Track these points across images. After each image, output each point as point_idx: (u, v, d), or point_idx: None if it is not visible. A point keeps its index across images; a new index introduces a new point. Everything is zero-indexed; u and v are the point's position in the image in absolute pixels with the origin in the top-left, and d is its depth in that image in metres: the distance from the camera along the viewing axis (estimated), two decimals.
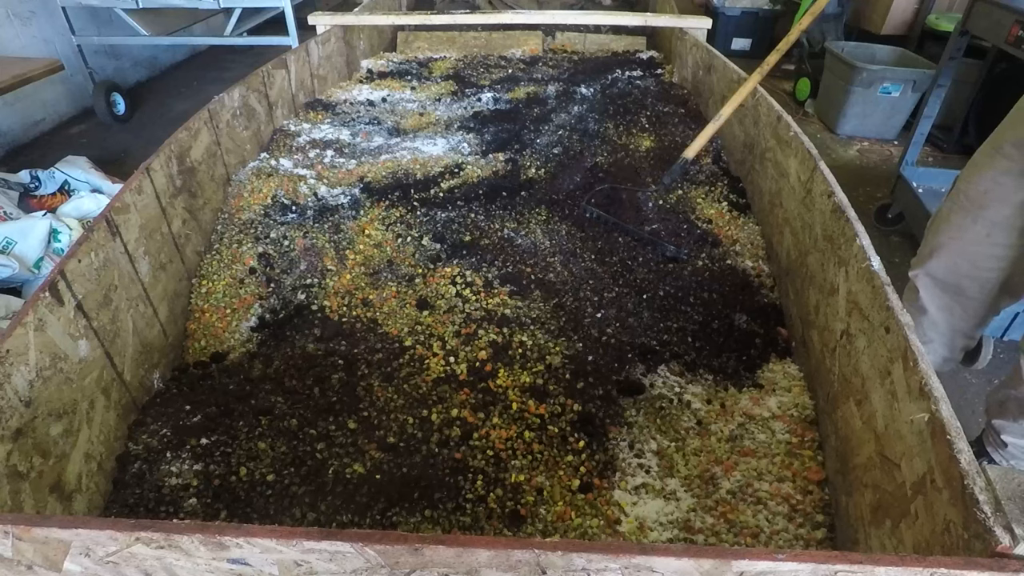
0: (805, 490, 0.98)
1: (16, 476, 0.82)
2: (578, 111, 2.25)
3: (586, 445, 1.03)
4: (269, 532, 0.56)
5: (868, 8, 4.24)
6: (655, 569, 0.55)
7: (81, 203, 2.35)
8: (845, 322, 1.02)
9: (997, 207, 1.42)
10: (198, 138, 1.52)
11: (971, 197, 1.46)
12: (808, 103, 4.04)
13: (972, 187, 1.46)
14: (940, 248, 1.55)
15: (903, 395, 0.79)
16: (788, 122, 1.48)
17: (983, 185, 1.44)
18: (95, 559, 0.60)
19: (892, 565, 0.54)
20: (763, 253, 1.52)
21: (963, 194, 1.48)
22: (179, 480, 0.97)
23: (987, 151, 1.46)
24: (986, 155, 1.45)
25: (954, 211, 1.51)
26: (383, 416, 1.08)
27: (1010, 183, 1.39)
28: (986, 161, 1.44)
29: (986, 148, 1.47)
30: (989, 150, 1.45)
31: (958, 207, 1.50)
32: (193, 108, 1.63)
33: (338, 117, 2.25)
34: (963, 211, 1.48)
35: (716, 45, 3.05)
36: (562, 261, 1.47)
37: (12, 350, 0.84)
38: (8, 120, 3.36)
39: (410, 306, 1.34)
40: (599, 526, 0.92)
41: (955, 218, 1.50)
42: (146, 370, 1.15)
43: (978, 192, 1.45)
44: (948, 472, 0.66)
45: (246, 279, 1.41)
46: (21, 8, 3.38)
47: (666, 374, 1.19)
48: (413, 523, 0.91)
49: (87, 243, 1.03)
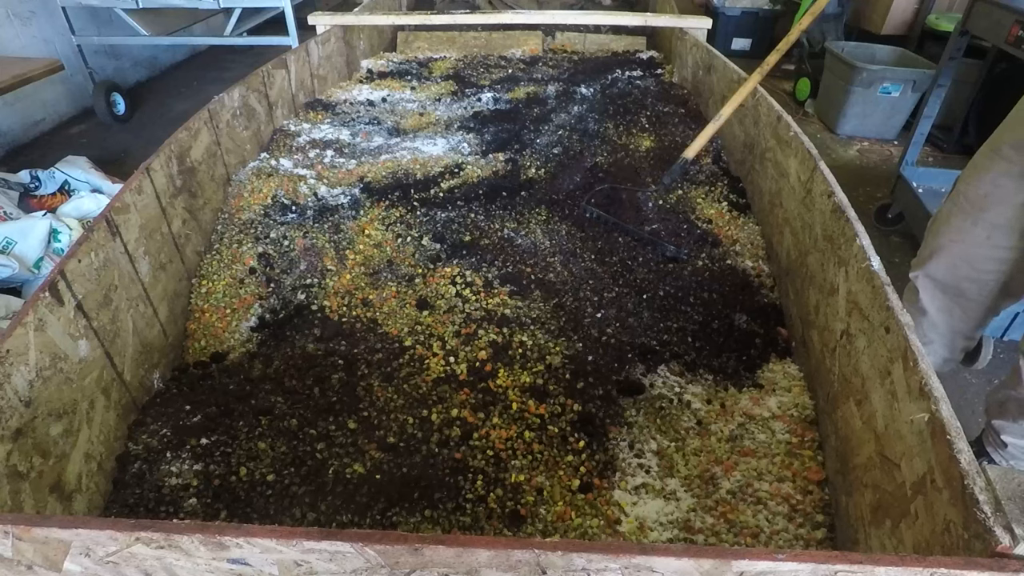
0: (805, 490, 0.98)
1: (16, 476, 0.82)
2: (578, 111, 2.25)
3: (586, 445, 1.03)
4: (269, 532, 0.56)
5: (868, 8, 4.24)
6: (655, 569, 0.55)
7: (81, 203, 2.35)
8: (845, 322, 1.02)
9: (997, 209, 1.42)
10: (198, 138, 1.52)
11: (971, 199, 1.46)
12: (808, 103, 4.04)
13: (972, 189, 1.46)
14: (940, 250, 1.55)
15: (903, 395, 0.79)
16: (788, 122, 1.48)
17: (983, 188, 1.43)
18: (95, 559, 0.60)
19: (892, 565, 0.54)
20: (763, 253, 1.52)
21: (963, 196, 1.48)
22: (179, 480, 0.97)
23: (986, 153, 1.45)
24: (985, 157, 1.45)
25: (954, 213, 1.51)
26: (383, 416, 1.08)
27: (1010, 185, 1.39)
28: (985, 163, 1.44)
29: (985, 150, 1.47)
30: (988, 152, 1.45)
31: (958, 209, 1.50)
32: (193, 108, 1.63)
33: (338, 117, 2.25)
34: (963, 213, 1.48)
35: (716, 45, 3.05)
36: (562, 261, 1.47)
37: (12, 350, 0.84)
38: (8, 120, 3.36)
39: (410, 306, 1.34)
40: (599, 526, 0.92)
41: (955, 220, 1.50)
42: (146, 370, 1.15)
43: (978, 195, 1.44)
44: (948, 472, 0.66)
45: (246, 279, 1.41)
46: (21, 8, 3.38)
47: (666, 374, 1.19)
48: (413, 523, 0.91)
49: (87, 243, 1.03)
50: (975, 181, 1.46)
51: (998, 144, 1.42)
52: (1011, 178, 1.38)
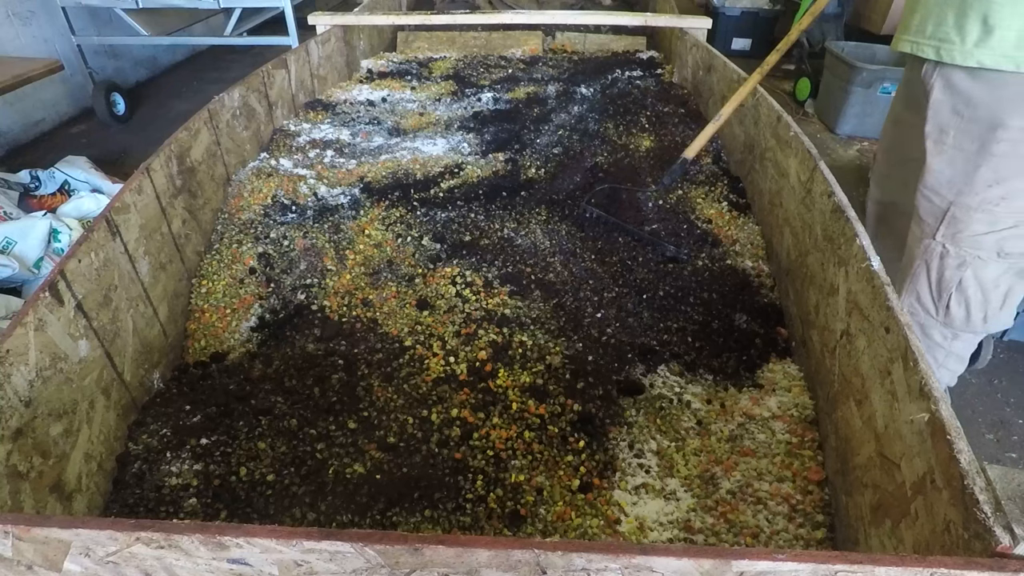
0: (805, 490, 0.98)
1: (16, 476, 0.82)
2: (578, 111, 2.25)
3: (586, 445, 1.03)
4: (269, 532, 0.56)
5: (868, 8, 4.24)
6: (655, 569, 0.55)
7: (81, 203, 2.35)
8: (845, 322, 1.02)
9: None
10: (198, 138, 1.52)
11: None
12: (808, 103, 4.04)
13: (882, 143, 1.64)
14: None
15: (903, 395, 0.79)
16: (788, 122, 1.48)
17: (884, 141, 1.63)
18: (95, 559, 0.60)
19: (892, 565, 0.54)
20: (763, 253, 1.52)
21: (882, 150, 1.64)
22: (179, 480, 0.97)
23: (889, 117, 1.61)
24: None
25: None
26: (383, 416, 1.08)
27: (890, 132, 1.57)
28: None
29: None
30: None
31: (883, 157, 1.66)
32: (193, 108, 1.63)
33: (338, 117, 2.25)
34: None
35: (716, 45, 3.05)
36: (562, 261, 1.47)
37: (12, 350, 0.84)
38: (8, 120, 3.36)
39: (410, 306, 1.34)
40: (599, 526, 0.92)
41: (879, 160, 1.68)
42: (146, 370, 1.15)
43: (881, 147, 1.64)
44: (948, 472, 0.66)
45: (246, 279, 1.41)
46: (21, 8, 3.38)
47: (666, 374, 1.19)
48: (413, 523, 0.91)
49: (87, 243, 1.03)
50: (888, 146, 1.62)
51: (895, 108, 1.57)
52: (910, 137, 1.45)
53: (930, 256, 1.38)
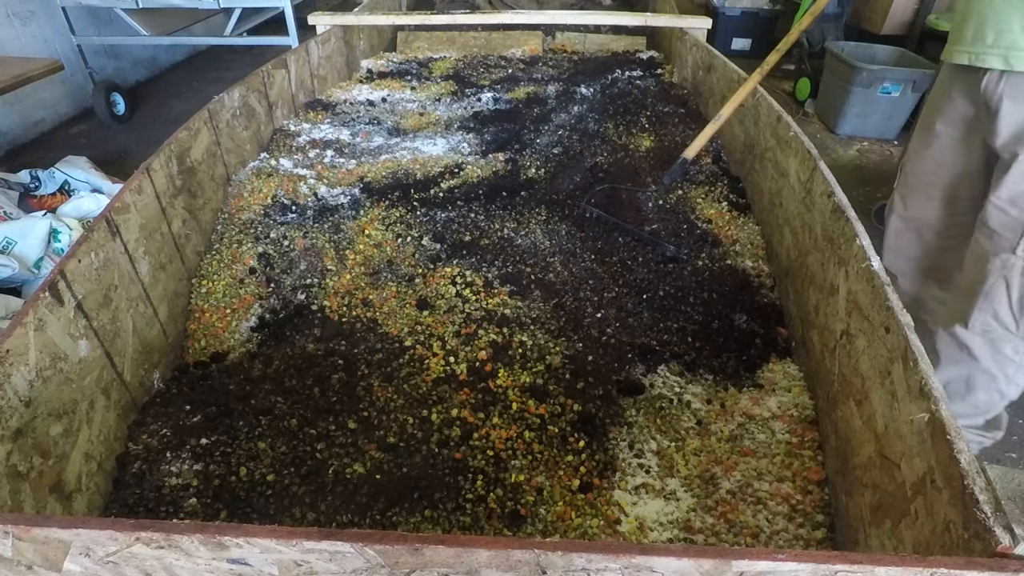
0: (805, 490, 0.98)
1: (16, 476, 0.82)
2: (578, 111, 2.25)
3: (586, 445, 1.03)
4: (269, 532, 0.56)
5: (868, 8, 4.24)
6: (655, 569, 0.55)
7: (81, 203, 2.35)
8: (845, 322, 1.02)
9: (948, 182, 1.48)
10: (198, 138, 1.52)
11: (919, 178, 1.54)
12: (808, 103, 4.04)
13: (918, 169, 1.54)
14: (900, 230, 1.63)
15: (903, 395, 0.79)
16: (788, 122, 1.48)
17: (929, 166, 1.51)
18: (95, 559, 0.60)
19: (892, 565, 0.54)
20: (763, 253, 1.52)
21: (912, 178, 1.56)
22: (179, 480, 0.97)
23: (921, 134, 1.53)
24: (921, 138, 1.52)
25: (907, 195, 1.58)
26: (383, 416, 1.08)
27: (948, 159, 1.46)
28: (923, 144, 1.52)
29: (920, 131, 1.54)
30: (923, 132, 1.52)
31: (908, 191, 1.57)
32: (193, 108, 1.63)
33: (338, 117, 2.25)
34: (915, 192, 1.55)
35: (716, 45, 3.05)
36: (562, 261, 1.47)
37: (12, 350, 0.84)
38: (8, 120, 3.36)
39: (410, 306, 1.34)
40: (599, 526, 0.92)
41: (911, 200, 1.57)
42: (146, 370, 1.15)
43: (924, 172, 1.52)
44: (948, 472, 0.66)
45: (246, 279, 1.41)
46: (21, 8, 3.38)
47: (666, 374, 1.19)
48: (413, 523, 0.91)
49: (87, 243, 1.03)
50: (919, 161, 1.52)
51: (930, 124, 1.49)
52: (949, 152, 1.44)
53: (1010, 272, 1.31)
